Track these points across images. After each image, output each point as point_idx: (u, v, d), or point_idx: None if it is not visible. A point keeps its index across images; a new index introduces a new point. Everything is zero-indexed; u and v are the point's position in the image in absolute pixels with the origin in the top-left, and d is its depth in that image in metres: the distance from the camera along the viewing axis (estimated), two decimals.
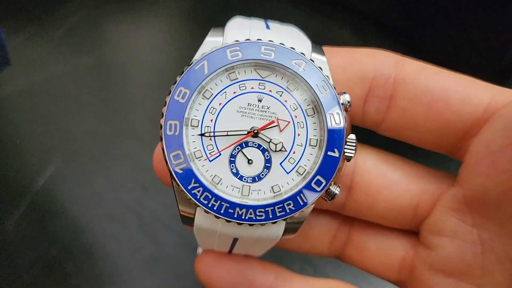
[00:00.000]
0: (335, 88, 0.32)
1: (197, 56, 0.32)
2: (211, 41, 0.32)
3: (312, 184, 0.31)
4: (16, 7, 0.37)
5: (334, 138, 0.31)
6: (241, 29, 0.33)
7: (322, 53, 0.33)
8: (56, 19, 0.63)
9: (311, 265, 0.50)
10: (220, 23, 0.63)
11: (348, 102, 0.32)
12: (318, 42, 0.34)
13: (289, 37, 0.33)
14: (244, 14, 0.67)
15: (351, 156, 0.31)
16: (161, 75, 0.63)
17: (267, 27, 0.34)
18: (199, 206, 0.31)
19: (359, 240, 0.38)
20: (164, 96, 0.62)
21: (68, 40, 0.64)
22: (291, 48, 0.31)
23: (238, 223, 0.31)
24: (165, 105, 0.31)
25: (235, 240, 0.34)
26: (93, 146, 0.57)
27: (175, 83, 0.31)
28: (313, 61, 0.31)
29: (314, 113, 0.32)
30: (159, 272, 0.50)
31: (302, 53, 0.31)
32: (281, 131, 0.32)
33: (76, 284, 0.49)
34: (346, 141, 0.31)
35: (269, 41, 0.31)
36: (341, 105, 0.31)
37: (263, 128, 0.32)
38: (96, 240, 0.51)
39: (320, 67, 0.31)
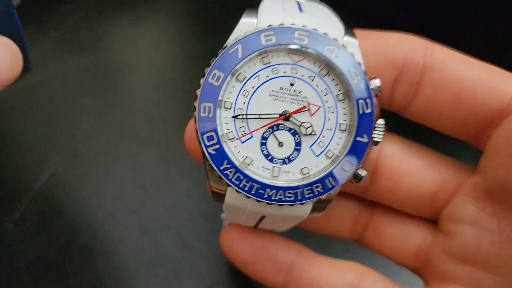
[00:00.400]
0: (366, 73, 0.32)
1: (231, 39, 0.32)
2: (246, 23, 0.33)
3: (341, 168, 0.32)
4: None
5: (363, 124, 0.32)
6: (274, 12, 0.33)
7: (354, 36, 0.34)
8: (54, 20, 0.63)
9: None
10: (220, 23, 0.63)
11: (378, 87, 0.32)
12: None
13: (322, 21, 0.33)
14: (243, 14, 0.67)
15: (379, 141, 0.32)
16: (161, 75, 0.63)
17: (300, 9, 0.34)
18: (231, 186, 0.32)
19: (379, 225, 0.39)
20: (164, 96, 0.63)
21: (67, 40, 0.63)
22: (324, 33, 0.32)
23: (268, 203, 0.32)
24: (199, 87, 0.32)
25: (262, 217, 0.35)
26: (93, 146, 0.57)
27: (209, 65, 0.32)
28: (345, 47, 0.32)
29: (345, 98, 0.33)
30: (159, 272, 0.50)
31: (335, 38, 0.32)
32: (311, 115, 0.33)
33: (76, 284, 0.48)
34: (375, 126, 0.32)
35: (303, 26, 0.32)
36: (371, 91, 0.32)
37: (295, 112, 0.32)
38: (95, 240, 0.51)
39: (352, 53, 0.32)
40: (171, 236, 0.52)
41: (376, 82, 0.32)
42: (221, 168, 0.31)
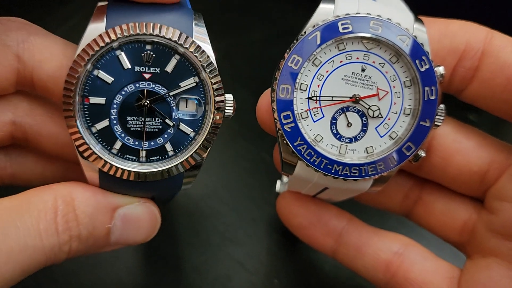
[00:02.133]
0: (433, 62, 0.35)
1: (309, 26, 0.35)
2: (324, 9, 0.35)
3: (403, 149, 0.35)
4: (15, 9, 0.37)
5: (427, 109, 0.35)
6: (350, 0, 0.35)
7: (422, 23, 0.36)
8: (55, 21, 0.63)
9: None
10: (220, 23, 0.63)
11: (442, 74, 0.35)
12: None
13: (394, 10, 0.36)
14: (243, 14, 0.68)
15: (439, 125, 0.35)
16: None
17: None
18: (302, 160, 0.35)
19: (428, 200, 0.42)
20: None
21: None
22: (397, 23, 0.34)
23: (334, 178, 0.35)
24: (279, 70, 0.35)
25: (324, 189, 0.38)
26: None
27: (288, 50, 0.35)
28: (416, 37, 0.34)
29: (411, 85, 0.35)
30: (159, 270, 0.50)
31: (406, 28, 0.35)
32: (379, 99, 0.35)
33: (79, 284, 0.49)
34: (437, 111, 0.35)
35: (378, 15, 0.34)
36: (437, 78, 0.34)
37: (365, 97, 0.35)
38: None
39: (422, 43, 0.34)
40: (171, 235, 0.52)
41: (440, 70, 0.35)
42: (295, 144, 0.35)
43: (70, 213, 0.32)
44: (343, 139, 0.36)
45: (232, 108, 0.35)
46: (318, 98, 0.35)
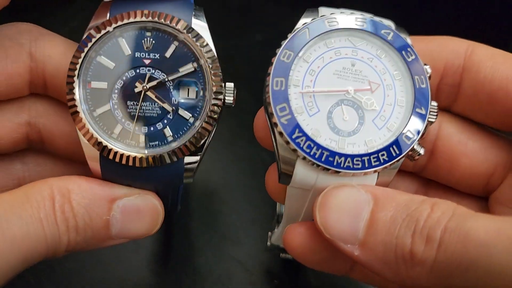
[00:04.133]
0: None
1: (299, 25, 0.36)
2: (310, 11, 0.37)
3: (403, 138, 0.34)
4: (15, 11, 0.38)
5: (420, 98, 0.35)
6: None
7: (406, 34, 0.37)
8: (56, 23, 0.64)
9: None
10: (221, 25, 0.64)
11: (428, 73, 0.36)
12: None
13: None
14: (243, 16, 0.68)
15: (433, 121, 0.35)
16: None
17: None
18: (302, 154, 0.33)
19: None
20: None
21: None
22: (380, 20, 0.36)
23: (336, 172, 0.33)
24: (271, 65, 0.35)
25: None
26: None
27: (279, 46, 0.35)
28: (399, 32, 0.36)
29: (401, 77, 0.36)
30: (161, 270, 0.51)
31: (389, 24, 0.36)
32: (372, 92, 0.36)
33: (79, 283, 0.49)
34: (429, 108, 0.35)
35: (361, 13, 0.36)
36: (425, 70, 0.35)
37: (358, 90, 0.35)
38: None
39: (405, 37, 0.36)
40: (172, 236, 0.52)
41: (426, 69, 0.36)
42: (293, 137, 0.33)
43: (66, 204, 0.33)
44: (341, 133, 0.35)
45: (232, 96, 0.35)
46: (312, 93, 0.35)
